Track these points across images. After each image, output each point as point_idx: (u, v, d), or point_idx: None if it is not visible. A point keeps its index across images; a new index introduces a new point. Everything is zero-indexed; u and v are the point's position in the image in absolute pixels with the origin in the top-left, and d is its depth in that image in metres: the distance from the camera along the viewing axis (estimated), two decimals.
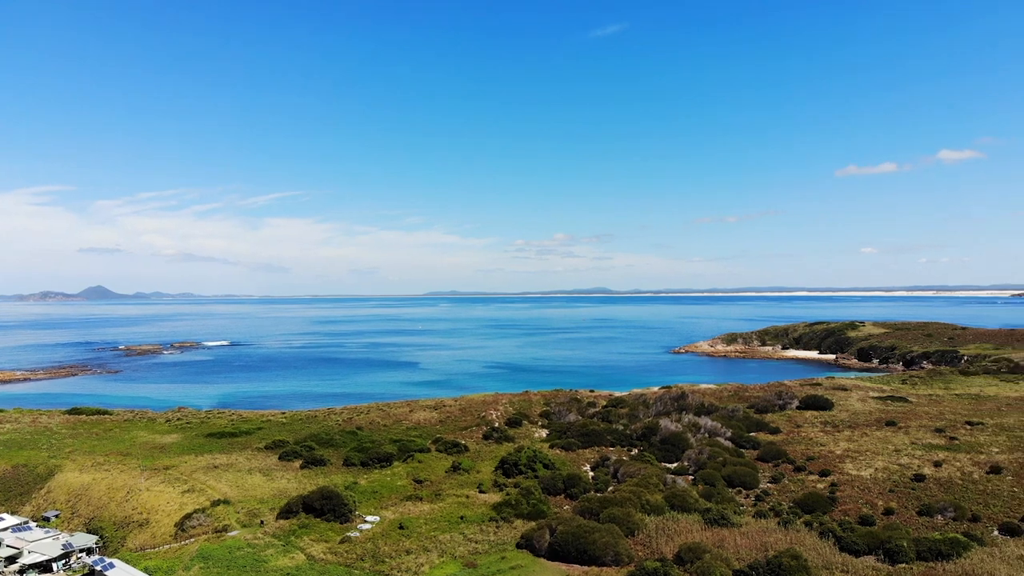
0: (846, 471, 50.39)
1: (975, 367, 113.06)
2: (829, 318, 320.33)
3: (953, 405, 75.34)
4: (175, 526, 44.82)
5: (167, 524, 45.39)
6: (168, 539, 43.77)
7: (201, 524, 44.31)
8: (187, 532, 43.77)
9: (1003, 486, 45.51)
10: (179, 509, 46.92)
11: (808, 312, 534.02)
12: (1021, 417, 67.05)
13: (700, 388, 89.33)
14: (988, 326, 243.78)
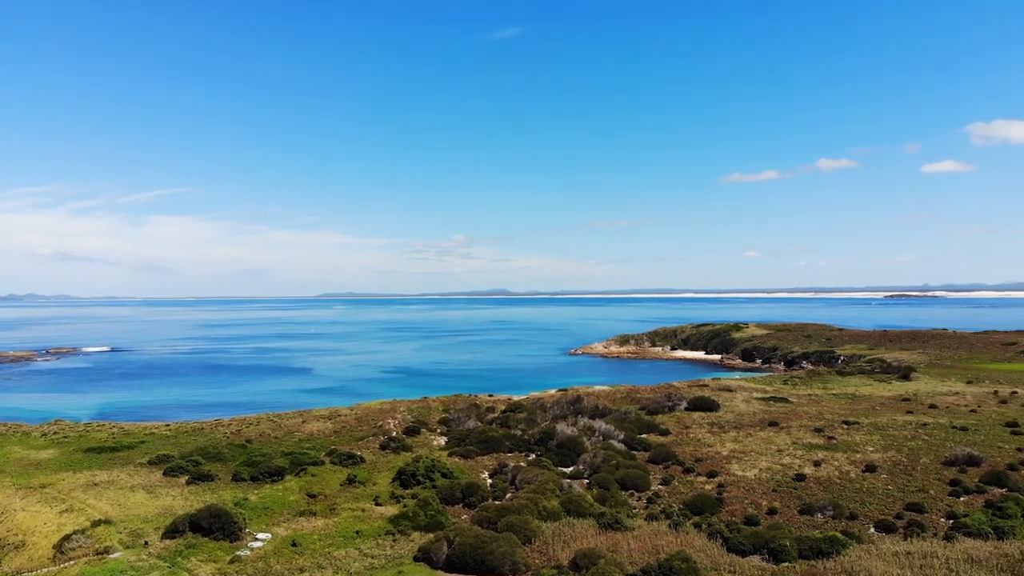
0: (732, 472, 52.21)
1: (851, 367, 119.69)
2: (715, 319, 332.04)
3: (831, 405, 79.35)
4: (53, 548, 42.03)
5: (45, 546, 42.54)
6: (46, 562, 41.03)
7: (81, 546, 41.73)
8: (66, 555, 41.14)
9: (878, 484, 48.22)
10: (57, 530, 44.05)
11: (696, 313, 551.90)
12: (894, 416, 71.33)
13: (595, 390, 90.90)
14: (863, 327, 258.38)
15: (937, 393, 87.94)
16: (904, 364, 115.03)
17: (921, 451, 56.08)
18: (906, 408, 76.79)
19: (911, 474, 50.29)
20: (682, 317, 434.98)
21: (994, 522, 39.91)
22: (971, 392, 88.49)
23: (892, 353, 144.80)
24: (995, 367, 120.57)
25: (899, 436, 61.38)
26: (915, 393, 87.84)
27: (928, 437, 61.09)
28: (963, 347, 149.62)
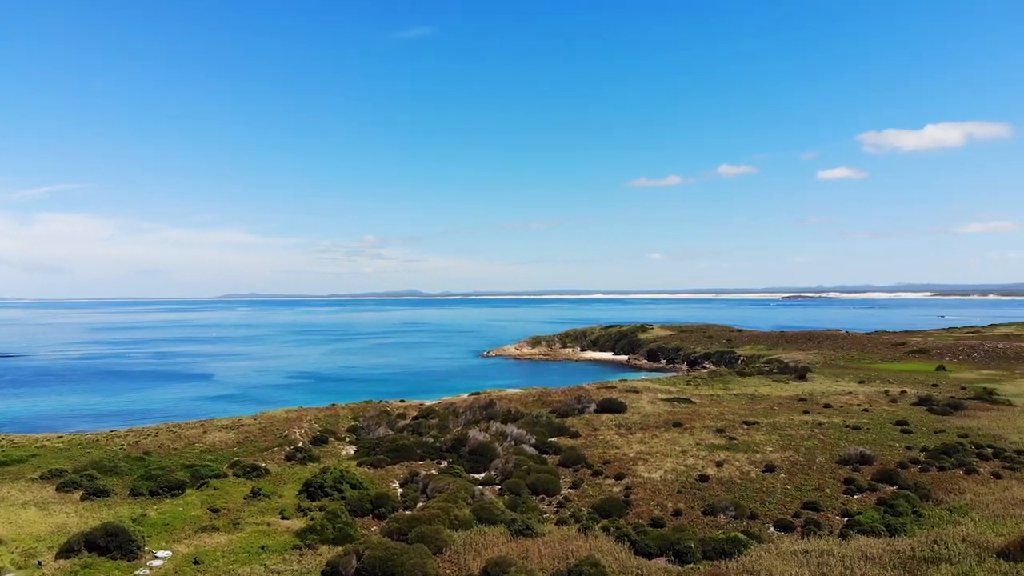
0: (639, 473, 53.24)
1: (750, 368, 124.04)
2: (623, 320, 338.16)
3: (732, 405, 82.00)
4: None
5: None
6: None
7: None
8: None
9: (777, 484, 50.05)
10: None
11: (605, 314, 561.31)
12: (791, 416, 74.29)
13: (507, 394, 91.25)
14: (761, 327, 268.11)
15: (831, 393, 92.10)
16: (800, 364, 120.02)
17: (817, 450, 58.56)
18: (803, 408, 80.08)
19: (808, 473, 52.41)
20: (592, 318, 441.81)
21: (886, 519, 41.93)
22: (863, 392, 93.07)
23: (789, 353, 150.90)
24: (885, 367, 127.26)
25: (796, 436, 63.96)
26: (811, 393, 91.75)
27: (823, 436, 63.88)
28: (855, 347, 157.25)
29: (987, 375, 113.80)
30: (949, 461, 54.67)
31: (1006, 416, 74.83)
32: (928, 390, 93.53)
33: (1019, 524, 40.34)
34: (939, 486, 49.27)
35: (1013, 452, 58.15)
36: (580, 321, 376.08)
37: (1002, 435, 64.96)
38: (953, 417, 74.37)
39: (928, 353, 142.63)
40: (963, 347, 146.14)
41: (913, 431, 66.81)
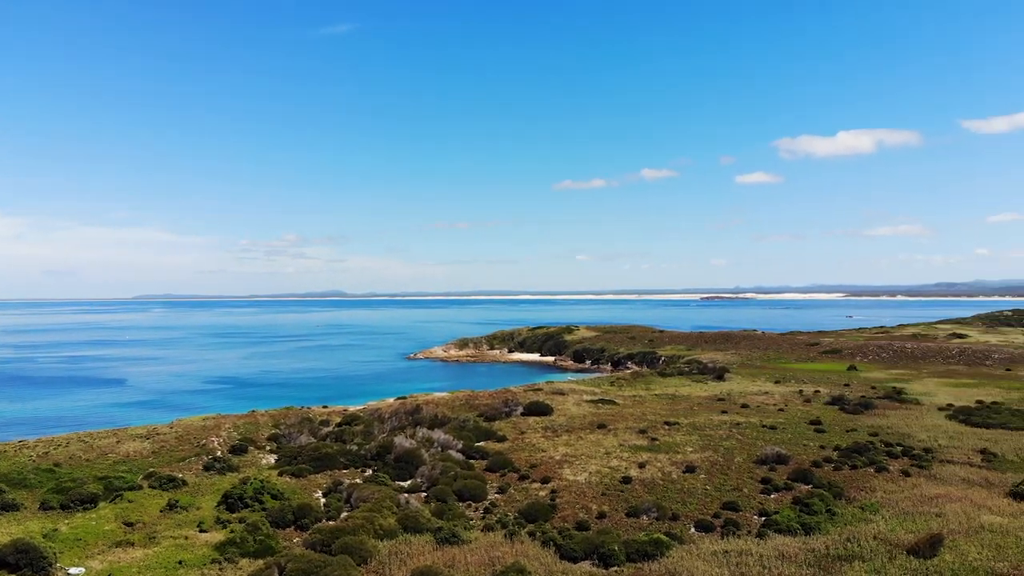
0: (565, 476, 53.72)
1: (671, 368, 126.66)
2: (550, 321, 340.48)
3: (654, 406, 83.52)
4: None
5: None
6: None
7: None
8: None
9: (697, 484, 51.23)
10: None
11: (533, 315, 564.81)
12: (710, 416, 76.14)
13: (434, 398, 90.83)
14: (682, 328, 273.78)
15: (748, 393, 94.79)
16: (718, 365, 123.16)
17: (735, 450, 60.18)
18: (721, 408, 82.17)
19: (727, 473, 53.83)
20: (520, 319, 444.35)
21: (802, 518, 43.40)
22: (779, 391, 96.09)
23: (708, 354, 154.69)
24: (799, 367, 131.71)
25: (715, 436, 65.60)
26: (729, 393, 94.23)
27: (741, 436, 65.69)
28: (771, 347, 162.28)
29: (896, 374, 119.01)
30: (861, 460, 56.96)
31: (914, 415, 78.40)
32: (840, 390, 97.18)
33: (928, 521, 42.30)
34: (851, 484, 51.26)
35: (921, 450, 60.96)
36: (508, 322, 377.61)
37: (910, 433, 68.01)
38: (864, 416, 77.48)
39: (840, 353, 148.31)
40: (873, 347, 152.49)
41: (826, 430, 69.31)
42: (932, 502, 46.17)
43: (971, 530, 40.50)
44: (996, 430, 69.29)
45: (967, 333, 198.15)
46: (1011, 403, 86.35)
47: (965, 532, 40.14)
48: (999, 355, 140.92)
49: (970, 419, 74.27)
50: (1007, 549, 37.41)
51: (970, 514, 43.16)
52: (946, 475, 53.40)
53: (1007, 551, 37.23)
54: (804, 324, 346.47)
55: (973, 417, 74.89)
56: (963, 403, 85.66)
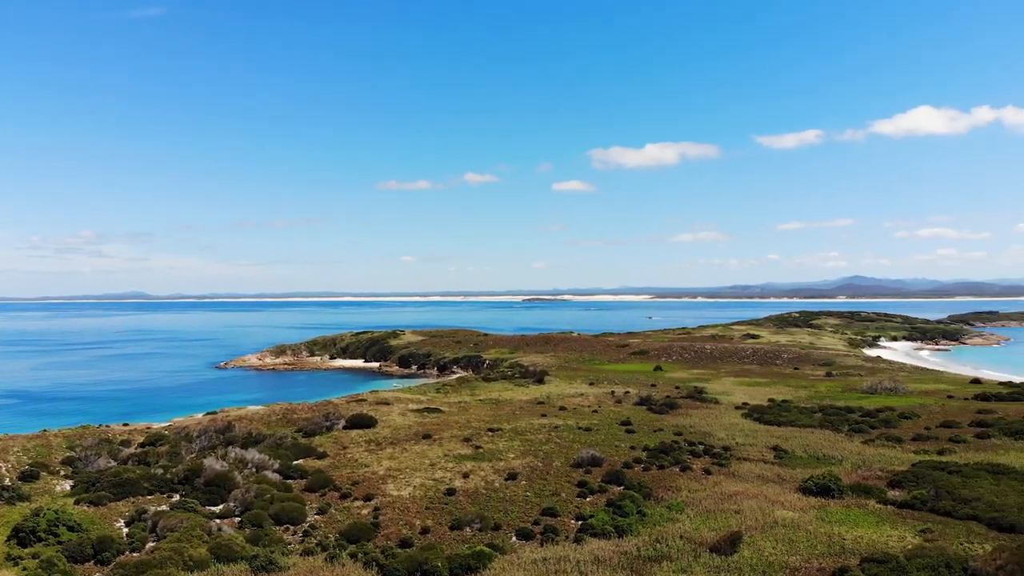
0: (388, 492, 53.06)
1: (495, 373, 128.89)
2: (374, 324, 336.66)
3: (478, 412, 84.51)
4: None
5: None
6: None
7: None
8: None
9: (519, 492, 52.28)
10: None
11: (355, 318, 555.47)
12: (531, 420, 78.06)
13: (248, 412, 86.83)
14: (505, 330, 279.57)
15: (566, 395, 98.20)
16: (539, 368, 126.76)
17: (554, 454, 62.05)
18: (541, 411, 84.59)
19: (546, 478, 55.35)
20: (343, 323, 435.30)
21: (615, 521, 45.37)
22: (593, 393, 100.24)
23: (529, 356, 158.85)
24: (612, 368, 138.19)
25: (536, 440, 67.34)
26: (548, 396, 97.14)
27: (559, 440, 67.86)
28: (586, 349, 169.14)
29: (697, 374, 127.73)
30: (667, 459, 60.51)
31: (713, 414, 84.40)
32: (648, 390, 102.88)
33: (728, 519, 45.56)
34: (659, 484, 54.29)
35: (721, 448, 65.68)
36: (330, 326, 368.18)
37: (711, 432, 73.11)
38: (669, 416, 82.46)
39: (648, 354, 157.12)
40: (677, 348, 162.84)
41: (636, 431, 73.10)
42: (731, 499, 49.81)
43: (766, 526, 44.08)
44: (786, 427, 75.98)
45: (760, 334, 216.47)
46: (799, 401, 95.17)
47: (761, 528, 43.63)
48: (788, 355, 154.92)
49: (763, 417, 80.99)
50: (798, 543, 41.06)
51: (765, 510, 46.98)
52: (743, 472, 57.85)
53: (798, 545, 40.85)
54: (615, 325, 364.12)
55: (766, 415, 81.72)
56: (757, 402, 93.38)
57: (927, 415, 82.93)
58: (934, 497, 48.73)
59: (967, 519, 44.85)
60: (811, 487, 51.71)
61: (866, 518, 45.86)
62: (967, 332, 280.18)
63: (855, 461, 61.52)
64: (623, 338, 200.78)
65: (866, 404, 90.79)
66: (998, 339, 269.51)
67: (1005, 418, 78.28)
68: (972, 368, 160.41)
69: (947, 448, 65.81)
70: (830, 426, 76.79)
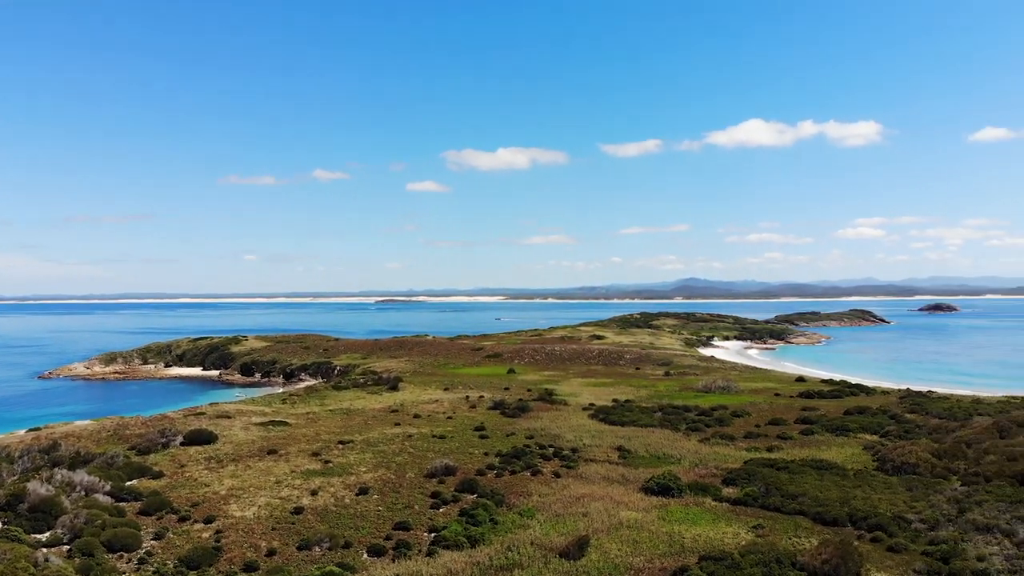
0: (231, 513, 50.76)
1: (346, 380, 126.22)
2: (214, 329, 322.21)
3: (328, 423, 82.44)
4: None
5: None
6: None
7: None
8: None
9: (370, 507, 51.43)
10: None
11: (194, 321, 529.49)
12: (384, 430, 77.03)
13: (76, 428, 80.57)
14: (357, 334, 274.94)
15: (420, 402, 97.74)
16: (392, 374, 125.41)
17: (407, 465, 61.57)
18: (394, 420, 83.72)
19: (399, 491, 54.81)
20: (179, 327, 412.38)
21: (468, 531, 45.57)
22: (447, 399, 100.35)
23: (383, 362, 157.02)
24: (466, 371, 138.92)
25: (388, 451, 66.57)
26: (402, 403, 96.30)
27: (413, 449, 67.43)
28: (441, 353, 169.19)
29: (547, 376, 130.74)
30: (519, 464, 61.51)
31: (563, 416, 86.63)
32: (502, 394, 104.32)
33: (576, 522, 46.84)
34: (511, 490, 55.06)
35: (569, 450, 67.51)
36: (165, 331, 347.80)
37: (560, 434, 75.00)
38: (521, 419, 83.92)
39: (501, 357, 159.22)
40: (529, 350, 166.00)
41: (490, 436, 73.86)
42: (579, 502, 51.30)
43: (612, 527, 45.71)
44: (629, 427, 79.18)
45: (605, 334, 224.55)
46: (640, 401, 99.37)
47: (607, 530, 45.18)
48: (630, 355, 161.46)
49: (609, 418, 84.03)
50: (642, 544, 42.83)
51: (611, 512, 48.70)
52: (590, 474, 59.73)
53: (642, 545, 42.62)
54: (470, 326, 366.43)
55: (611, 416, 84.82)
56: (603, 402, 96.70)
57: (757, 413, 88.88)
58: (764, 494, 52.26)
59: (795, 514, 48.41)
60: (653, 487, 54.15)
61: (703, 516, 48.53)
62: (792, 331, 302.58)
63: (693, 460, 65.04)
64: (478, 341, 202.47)
65: (702, 403, 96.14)
66: (819, 338, 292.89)
67: (827, 415, 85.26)
68: (796, 366, 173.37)
69: (776, 445, 70.82)
70: (669, 425, 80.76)
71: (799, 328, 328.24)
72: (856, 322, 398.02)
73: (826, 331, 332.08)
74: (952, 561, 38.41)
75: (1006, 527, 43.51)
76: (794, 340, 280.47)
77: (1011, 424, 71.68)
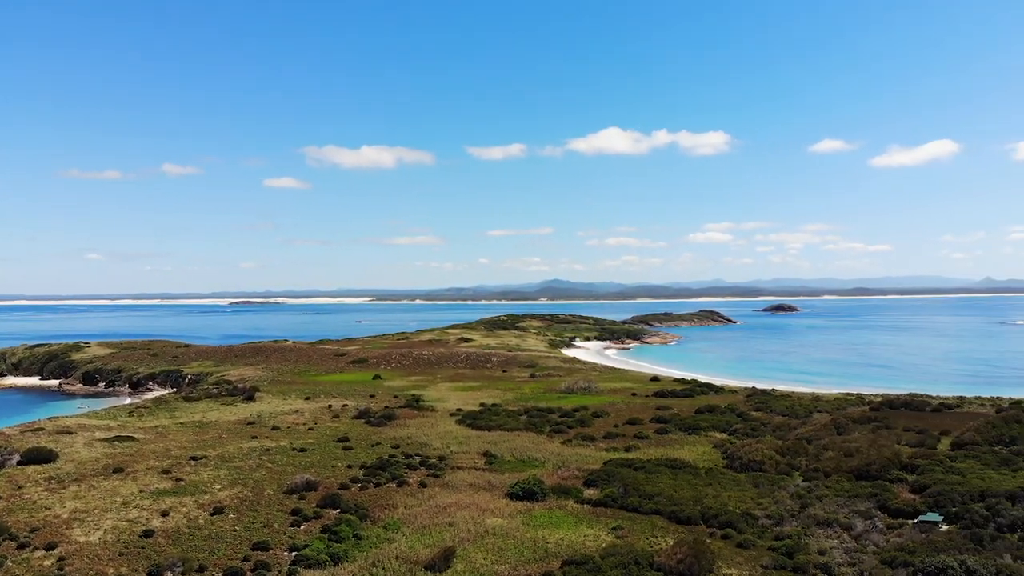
0: (75, 538, 47.30)
1: (199, 391, 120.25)
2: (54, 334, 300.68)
3: (179, 438, 78.28)
4: None
5: None
6: None
7: None
8: None
9: (226, 527, 49.22)
10: None
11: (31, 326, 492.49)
12: (240, 444, 73.97)
13: None
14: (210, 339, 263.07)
15: (279, 413, 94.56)
16: (248, 384, 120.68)
17: (265, 481, 59.43)
18: (251, 433, 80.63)
19: (257, 509, 52.81)
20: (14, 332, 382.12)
21: (331, 548, 44.49)
22: (309, 409, 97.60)
23: (238, 369, 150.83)
24: (329, 379, 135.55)
25: (245, 467, 64.01)
26: (259, 415, 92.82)
27: (272, 464, 65.19)
28: (302, 360, 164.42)
29: (415, 381, 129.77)
30: (384, 476, 60.71)
31: (430, 423, 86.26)
32: (367, 401, 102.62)
33: (442, 533, 46.72)
34: (376, 503, 54.23)
35: (436, 458, 67.31)
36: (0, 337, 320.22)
37: (427, 442, 74.64)
38: (387, 428, 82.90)
39: (367, 362, 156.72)
40: (396, 355, 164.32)
41: (353, 447, 72.48)
42: (446, 512, 51.28)
43: (478, 536, 45.95)
44: (496, 432, 79.90)
45: (473, 337, 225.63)
46: (507, 404, 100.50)
47: (473, 539, 45.38)
48: (497, 358, 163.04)
49: (476, 423, 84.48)
50: (507, 551, 43.28)
51: (477, 520, 48.95)
52: (457, 482, 59.78)
53: (507, 553, 43.07)
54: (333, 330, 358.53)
55: (478, 420, 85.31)
56: (470, 407, 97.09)
57: (616, 413, 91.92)
58: (623, 494, 54.07)
59: (652, 514, 50.39)
60: (518, 492, 54.89)
61: (566, 519, 49.67)
62: (647, 332, 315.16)
63: (556, 462, 66.45)
64: (341, 345, 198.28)
65: (565, 404, 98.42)
66: (672, 338, 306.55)
67: (680, 414, 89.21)
68: (652, 366, 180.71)
69: (633, 445, 73.47)
70: (534, 428, 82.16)
71: (653, 328, 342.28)
72: (705, 322, 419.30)
73: (678, 331, 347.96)
74: (796, 555, 41.09)
75: (844, 521, 47.05)
76: (649, 340, 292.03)
77: (847, 420, 77.64)
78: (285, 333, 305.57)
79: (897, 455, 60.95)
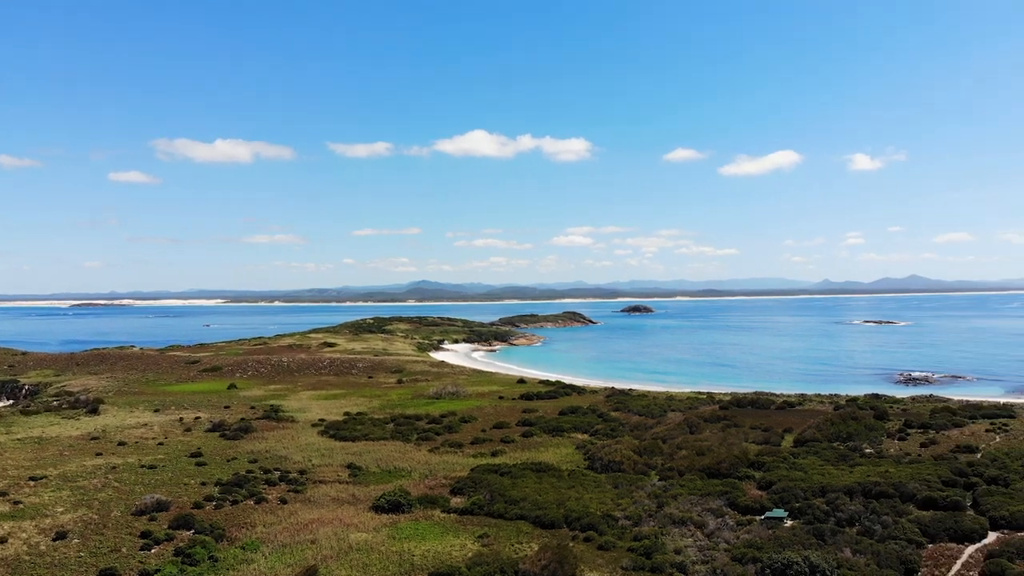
0: None
1: (37, 403, 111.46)
2: None
3: (16, 456, 72.26)
4: None
5: None
6: None
7: None
8: None
9: (70, 553, 45.85)
10: None
11: None
12: (83, 461, 69.09)
13: None
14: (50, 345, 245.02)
15: (126, 427, 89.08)
16: (92, 396, 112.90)
17: (112, 502, 55.87)
18: (96, 449, 75.65)
19: (103, 533, 49.56)
20: None
21: (184, 572, 42.41)
22: (158, 422, 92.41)
23: (80, 379, 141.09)
24: (180, 389, 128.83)
25: (90, 487, 59.97)
26: (104, 429, 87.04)
27: (119, 483, 61.36)
28: (151, 368, 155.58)
29: (274, 390, 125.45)
30: (241, 493, 58.32)
31: (290, 434, 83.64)
32: (221, 413, 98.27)
33: (304, 551, 45.40)
34: (233, 522, 52.02)
35: (296, 472, 65.37)
36: None
37: (287, 456, 72.38)
38: (244, 441, 79.72)
39: (221, 370, 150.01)
40: (252, 362, 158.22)
41: (208, 463, 69.24)
42: (307, 528, 49.88)
43: (342, 552, 45.02)
44: (361, 442, 78.58)
45: (337, 341, 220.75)
46: (373, 412, 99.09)
47: (337, 555, 44.42)
48: (363, 364, 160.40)
49: (339, 433, 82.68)
50: (372, 567, 42.63)
51: (341, 535, 47.94)
52: (320, 496, 58.31)
53: (372, 568, 42.42)
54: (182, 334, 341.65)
55: (342, 431, 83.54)
56: (334, 417, 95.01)
57: (483, 417, 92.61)
58: (489, 501, 54.51)
59: (517, 519, 51.06)
60: (383, 504, 54.22)
61: (432, 530, 49.53)
62: (514, 333, 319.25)
63: (423, 471, 66.16)
64: (193, 352, 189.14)
65: (432, 410, 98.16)
66: (537, 339, 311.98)
67: (544, 416, 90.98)
68: (518, 367, 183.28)
69: (500, 449, 74.25)
70: (401, 436, 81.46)
71: (520, 330, 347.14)
72: (568, 323, 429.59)
73: (543, 332, 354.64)
74: (654, 555, 42.80)
75: (698, 519, 49.44)
76: (516, 341, 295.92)
77: (699, 420, 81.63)
78: (132, 338, 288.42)
79: (745, 453, 64.71)
